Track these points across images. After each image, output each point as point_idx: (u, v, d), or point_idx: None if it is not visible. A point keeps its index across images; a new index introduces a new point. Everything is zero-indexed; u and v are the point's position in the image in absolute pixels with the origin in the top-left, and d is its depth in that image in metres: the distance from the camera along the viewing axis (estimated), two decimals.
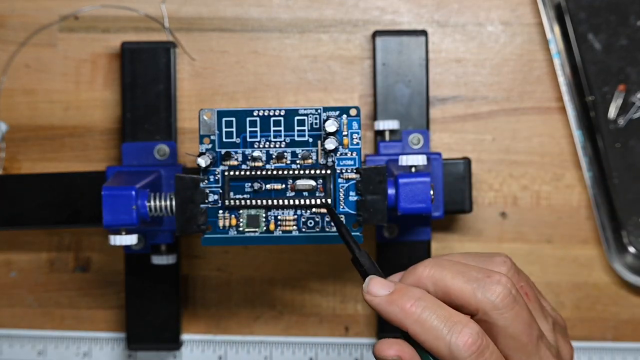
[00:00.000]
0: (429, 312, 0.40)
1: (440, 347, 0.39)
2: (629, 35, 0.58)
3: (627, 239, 0.58)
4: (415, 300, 0.40)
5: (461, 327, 0.39)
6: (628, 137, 0.58)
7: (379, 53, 0.57)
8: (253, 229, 0.47)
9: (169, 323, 0.58)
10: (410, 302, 0.40)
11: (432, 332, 0.39)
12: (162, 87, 0.57)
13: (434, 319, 0.39)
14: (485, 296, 0.39)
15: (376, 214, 0.46)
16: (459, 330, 0.39)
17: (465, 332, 0.39)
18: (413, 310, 0.40)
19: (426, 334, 0.39)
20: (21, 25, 0.59)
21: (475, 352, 0.39)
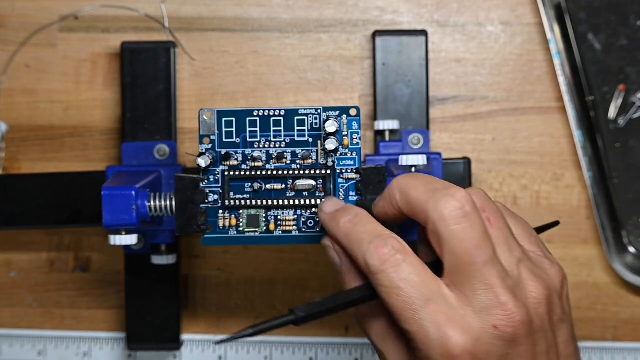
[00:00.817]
0: (359, 227, 0.41)
1: (358, 257, 0.40)
2: (629, 35, 0.58)
3: (627, 239, 0.58)
4: (351, 217, 0.42)
5: (381, 240, 0.40)
6: (628, 137, 0.58)
7: (379, 53, 0.57)
8: (253, 229, 0.47)
9: (169, 323, 0.58)
10: (346, 219, 0.42)
11: (355, 244, 0.41)
12: (162, 87, 0.57)
13: (360, 233, 0.41)
14: (436, 206, 0.39)
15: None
16: (377, 243, 0.40)
17: (382, 244, 0.40)
18: (346, 225, 0.42)
19: (351, 245, 0.41)
20: (21, 25, 0.59)
21: (388, 261, 0.39)
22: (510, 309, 0.39)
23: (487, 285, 0.39)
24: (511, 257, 0.41)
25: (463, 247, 0.39)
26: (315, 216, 0.47)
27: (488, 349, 0.39)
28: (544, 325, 0.41)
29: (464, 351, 0.38)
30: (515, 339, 0.39)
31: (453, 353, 0.38)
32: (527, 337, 0.39)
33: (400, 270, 0.39)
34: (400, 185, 0.42)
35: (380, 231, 0.41)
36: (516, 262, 0.41)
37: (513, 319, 0.39)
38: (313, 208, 0.47)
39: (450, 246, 0.39)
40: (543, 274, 0.42)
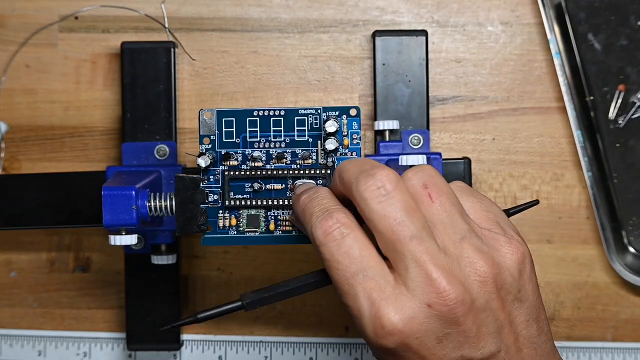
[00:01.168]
0: (313, 202, 0.42)
1: (308, 231, 0.41)
2: (629, 35, 0.58)
3: (627, 239, 0.58)
4: (310, 194, 0.43)
5: (327, 214, 0.40)
6: (628, 137, 0.58)
7: (378, 53, 0.57)
8: (253, 229, 0.47)
9: (169, 323, 0.58)
10: (305, 196, 0.43)
11: (307, 218, 0.42)
12: (162, 87, 0.57)
13: (312, 207, 0.41)
14: (357, 186, 0.40)
15: None
16: (325, 216, 0.40)
17: (327, 219, 0.40)
18: (303, 202, 0.43)
19: (304, 220, 0.42)
20: (21, 25, 0.59)
21: (330, 235, 0.39)
22: (443, 287, 0.38)
23: (416, 262, 0.39)
24: (454, 233, 0.40)
25: (386, 224, 0.39)
26: None
27: (424, 327, 0.38)
28: (491, 304, 0.40)
29: (395, 329, 0.38)
30: (452, 317, 0.38)
31: (385, 330, 0.38)
32: (468, 316, 0.39)
33: (342, 243, 0.39)
34: (338, 169, 0.42)
35: (331, 205, 0.41)
36: (459, 239, 0.40)
37: (447, 297, 0.38)
38: None
39: (375, 224, 0.39)
40: (493, 251, 0.41)
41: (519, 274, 0.41)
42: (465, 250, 0.40)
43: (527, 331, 0.41)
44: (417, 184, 0.41)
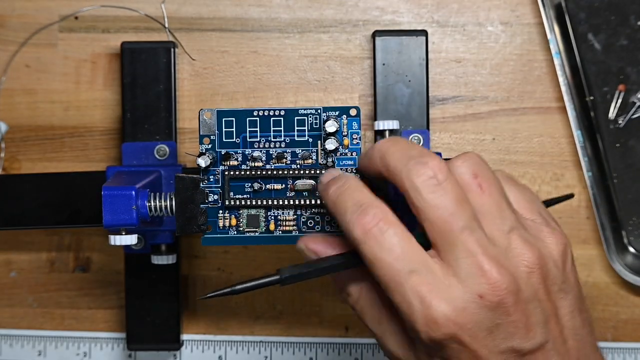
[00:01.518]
0: (345, 196, 0.41)
1: (343, 227, 0.40)
2: (629, 35, 0.58)
3: (627, 239, 0.58)
4: (339, 185, 0.42)
5: (365, 209, 0.40)
6: (628, 137, 0.58)
7: (378, 53, 0.57)
8: (253, 229, 0.47)
9: (169, 323, 0.58)
10: (334, 187, 0.42)
11: (340, 212, 0.41)
12: (162, 87, 0.57)
13: (345, 202, 0.41)
14: (409, 175, 0.39)
15: None
16: (360, 212, 0.40)
17: (364, 214, 0.39)
18: (334, 193, 0.42)
19: (337, 214, 0.41)
20: (21, 25, 0.59)
21: (370, 231, 0.39)
22: (494, 277, 0.38)
23: (468, 252, 0.38)
24: (502, 224, 0.40)
25: (438, 214, 0.39)
26: (316, 216, 0.47)
27: (475, 318, 0.38)
28: (538, 294, 0.40)
29: (448, 320, 0.38)
30: (503, 308, 0.38)
31: (437, 323, 0.38)
32: (517, 307, 0.39)
33: (382, 240, 0.39)
34: (381, 149, 0.41)
35: (364, 199, 0.40)
36: (508, 229, 0.40)
37: (498, 288, 0.38)
38: (313, 208, 0.47)
39: (426, 215, 0.39)
40: (539, 242, 0.41)
41: (563, 265, 0.41)
42: (513, 241, 0.40)
43: (572, 322, 0.41)
44: (467, 173, 0.40)
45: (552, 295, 0.40)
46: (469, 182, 0.40)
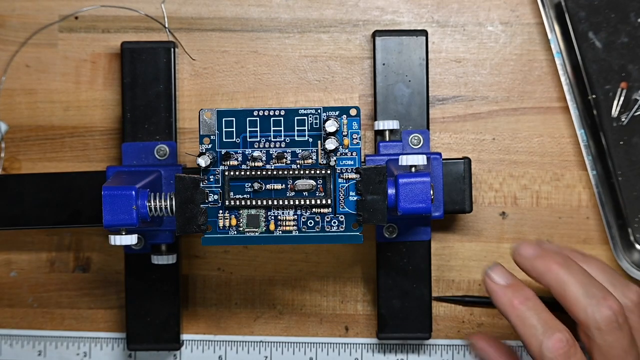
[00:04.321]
0: (532, 312, 0.46)
1: (533, 344, 0.45)
2: (630, 32, 0.58)
3: (634, 236, 0.58)
4: (524, 299, 0.46)
5: (554, 332, 0.45)
6: (632, 134, 0.58)
7: (378, 53, 0.57)
8: (253, 229, 0.47)
9: (169, 323, 0.58)
10: (519, 300, 0.46)
11: (529, 329, 0.45)
12: (162, 87, 0.57)
13: (534, 319, 0.45)
14: (594, 315, 0.45)
15: (376, 214, 0.46)
16: (551, 333, 0.45)
17: (557, 337, 0.45)
18: (519, 307, 0.46)
19: (524, 329, 0.46)
20: (21, 25, 0.59)
21: (562, 355, 0.44)
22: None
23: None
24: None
25: (614, 353, 0.45)
26: (316, 216, 0.47)
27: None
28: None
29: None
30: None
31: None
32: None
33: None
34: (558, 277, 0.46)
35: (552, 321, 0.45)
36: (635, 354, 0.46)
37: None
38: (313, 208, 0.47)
39: (603, 352, 0.44)
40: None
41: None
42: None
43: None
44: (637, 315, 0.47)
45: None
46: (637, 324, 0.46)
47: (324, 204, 0.47)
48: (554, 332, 0.45)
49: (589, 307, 0.45)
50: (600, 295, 0.45)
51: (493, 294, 0.47)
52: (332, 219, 0.47)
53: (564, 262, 0.47)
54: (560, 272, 0.46)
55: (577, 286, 0.45)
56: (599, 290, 0.45)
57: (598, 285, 0.46)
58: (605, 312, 0.45)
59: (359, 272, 0.60)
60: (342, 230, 0.47)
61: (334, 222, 0.47)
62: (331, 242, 0.47)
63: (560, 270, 0.46)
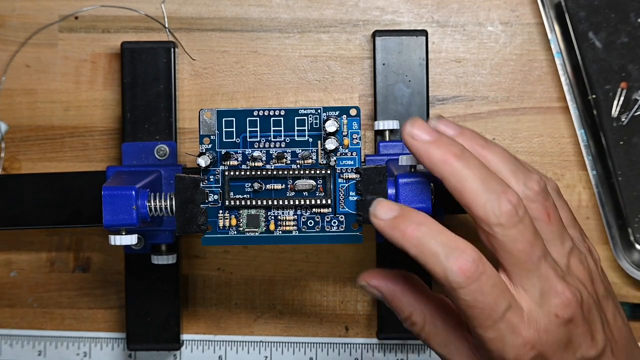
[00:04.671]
0: (429, 238, 0.41)
1: (437, 271, 0.41)
2: (630, 32, 0.58)
3: (634, 236, 0.58)
4: (417, 225, 0.41)
5: (459, 254, 0.40)
6: (631, 134, 0.58)
7: (379, 53, 0.57)
8: (253, 229, 0.47)
9: (169, 323, 0.58)
10: (412, 227, 0.41)
11: (430, 257, 0.41)
12: (162, 87, 0.57)
13: (432, 244, 0.41)
14: (494, 211, 0.41)
15: None
16: (455, 256, 0.40)
17: (462, 259, 0.40)
18: (414, 235, 0.41)
19: (426, 259, 0.41)
20: (21, 25, 0.59)
21: (470, 277, 0.40)
22: (566, 296, 0.41)
23: (543, 278, 0.41)
24: (563, 248, 0.43)
25: (519, 247, 0.41)
26: (316, 216, 0.47)
27: (555, 337, 0.41)
28: (594, 304, 0.43)
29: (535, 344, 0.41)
30: (573, 322, 0.42)
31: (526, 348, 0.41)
32: (584, 319, 0.42)
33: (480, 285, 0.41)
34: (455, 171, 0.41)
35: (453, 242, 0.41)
36: (567, 252, 0.43)
37: (570, 305, 0.41)
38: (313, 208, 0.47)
39: (507, 248, 0.41)
40: (585, 258, 0.44)
41: (603, 274, 0.46)
42: (571, 260, 0.43)
43: (616, 323, 0.45)
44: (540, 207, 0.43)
45: (601, 303, 0.44)
46: (541, 214, 0.43)
47: (324, 204, 0.46)
48: (457, 254, 0.40)
49: (489, 203, 0.41)
50: (500, 189, 0.41)
51: (384, 232, 0.42)
52: (332, 219, 0.47)
53: (461, 153, 0.41)
54: (457, 165, 0.41)
55: (476, 181, 0.41)
56: (498, 184, 0.41)
57: (497, 178, 0.41)
58: (505, 206, 0.41)
59: (358, 272, 0.60)
60: (342, 230, 0.47)
61: (334, 222, 0.47)
62: (331, 242, 0.47)
63: (457, 163, 0.41)
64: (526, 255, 0.41)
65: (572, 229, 0.46)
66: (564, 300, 0.41)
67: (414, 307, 0.45)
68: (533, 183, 0.43)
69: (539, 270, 0.41)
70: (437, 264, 0.41)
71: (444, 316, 0.45)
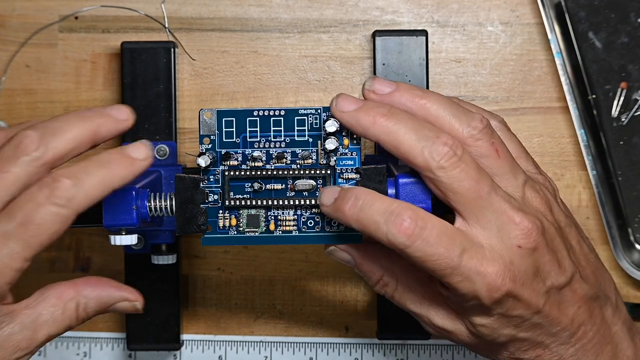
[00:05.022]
0: (366, 211, 0.42)
1: (382, 238, 0.42)
2: (629, 32, 0.58)
3: (634, 236, 0.58)
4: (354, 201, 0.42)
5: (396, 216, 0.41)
6: (631, 134, 0.58)
7: (379, 53, 0.57)
8: (253, 229, 0.47)
9: (169, 323, 0.58)
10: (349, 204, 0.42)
11: (371, 227, 0.42)
12: (162, 87, 0.57)
13: (371, 214, 0.42)
14: (431, 155, 0.42)
15: None
16: (394, 219, 0.41)
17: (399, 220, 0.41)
18: (352, 212, 0.42)
19: (367, 229, 0.42)
20: (21, 25, 0.59)
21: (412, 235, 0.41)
22: (526, 226, 0.42)
23: (497, 211, 0.42)
24: (516, 181, 0.44)
25: (466, 186, 0.42)
26: (316, 216, 0.47)
27: (522, 268, 0.42)
28: (556, 232, 0.44)
29: (503, 279, 0.42)
30: (538, 251, 0.42)
31: (496, 285, 0.41)
32: (548, 247, 0.43)
33: (427, 238, 0.41)
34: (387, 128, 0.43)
35: (389, 206, 0.42)
36: (521, 184, 0.44)
37: (531, 234, 0.42)
38: (313, 208, 0.47)
39: (454, 189, 0.42)
40: (541, 188, 0.45)
41: (562, 203, 0.47)
42: (526, 192, 0.44)
43: (582, 249, 0.46)
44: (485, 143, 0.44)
45: (563, 231, 0.45)
46: (489, 150, 0.44)
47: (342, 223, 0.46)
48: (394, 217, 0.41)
49: (425, 149, 0.42)
50: (433, 134, 0.42)
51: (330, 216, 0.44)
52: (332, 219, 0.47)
53: (388, 112, 0.43)
54: (387, 124, 0.42)
55: (408, 132, 0.42)
56: (430, 130, 0.42)
57: (429, 126, 0.43)
58: (442, 149, 0.42)
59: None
60: (342, 230, 0.47)
61: (334, 222, 0.47)
62: (331, 242, 0.47)
63: (387, 121, 0.42)
64: (474, 192, 0.42)
65: (524, 162, 0.47)
66: (524, 231, 0.42)
67: (385, 267, 0.46)
68: (476, 122, 0.44)
69: (492, 205, 0.42)
70: (379, 231, 0.41)
71: (414, 273, 0.46)
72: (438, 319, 0.45)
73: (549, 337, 0.44)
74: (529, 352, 0.45)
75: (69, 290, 0.45)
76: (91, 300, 0.45)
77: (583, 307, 0.45)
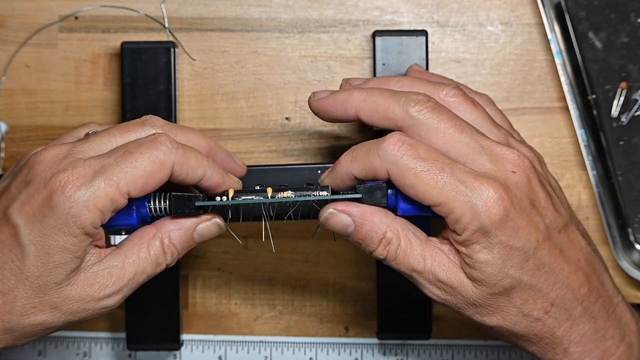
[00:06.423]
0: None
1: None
2: (630, 32, 0.58)
3: (634, 236, 0.58)
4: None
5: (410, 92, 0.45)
6: (631, 134, 0.58)
7: (379, 53, 0.57)
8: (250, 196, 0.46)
9: (169, 323, 0.58)
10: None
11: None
12: (162, 87, 0.57)
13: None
14: (408, 104, 0.45)
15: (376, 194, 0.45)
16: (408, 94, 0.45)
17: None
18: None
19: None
20: (21, 25, 0.59)
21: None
22: (517, 157, 0.44)
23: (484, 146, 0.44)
24: (499, 132, 0.46)
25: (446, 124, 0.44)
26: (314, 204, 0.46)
27: (517, 193, 0.43)
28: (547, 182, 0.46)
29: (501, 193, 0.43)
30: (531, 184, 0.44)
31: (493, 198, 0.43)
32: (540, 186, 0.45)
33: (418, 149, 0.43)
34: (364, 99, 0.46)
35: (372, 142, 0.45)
36: (504, 134, 0.46)
37: (523, 163, 0.44)
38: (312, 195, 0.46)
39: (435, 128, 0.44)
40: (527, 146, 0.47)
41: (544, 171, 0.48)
42: (511, 141, 0.46)
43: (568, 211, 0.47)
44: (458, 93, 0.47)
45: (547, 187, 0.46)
46: (464, 101, 0.46)
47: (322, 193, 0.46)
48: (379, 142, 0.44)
49: (400, 102, 0.45)
50: (407, 93, 0.45)
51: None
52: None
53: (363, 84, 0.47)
54: (362, 95, 0.46)
55: (383, 93, 0.45)
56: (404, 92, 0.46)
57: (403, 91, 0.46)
58: (416, 97, 0.45)
59: (359, 272, 0.60)
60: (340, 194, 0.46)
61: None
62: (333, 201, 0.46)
63: (361, 94, 0.46)
64: (456, 128, 0.44)
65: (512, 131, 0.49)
66: (515, 161, 0.44)
67: (386, 223, 0.45)
68: (448, 88, 0.47)
69: (478, 141, 0.44)
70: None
71: (413, 229, 0.46)
72: (442, 273, 0.45)
73: (554, 289, 0.44)
74: (537, 304, 0.44)
75: (150, 229, 0.46)
76: (173, 232, 0.46)
77: (583, 261, 0.45)
